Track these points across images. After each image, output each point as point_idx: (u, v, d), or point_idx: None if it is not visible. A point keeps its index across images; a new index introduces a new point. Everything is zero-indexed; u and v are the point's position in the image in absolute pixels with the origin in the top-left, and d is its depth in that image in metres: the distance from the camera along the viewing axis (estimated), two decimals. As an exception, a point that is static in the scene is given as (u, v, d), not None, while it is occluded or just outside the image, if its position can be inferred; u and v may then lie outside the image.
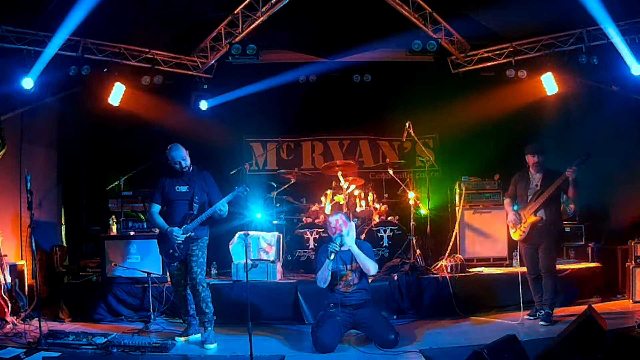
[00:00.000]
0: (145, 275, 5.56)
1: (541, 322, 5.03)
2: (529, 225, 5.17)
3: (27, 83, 5.87)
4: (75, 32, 6.15)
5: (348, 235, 4.70)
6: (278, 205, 6.97)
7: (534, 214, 5.15)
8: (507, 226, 5.48)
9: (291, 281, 5.94)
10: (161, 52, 6.97)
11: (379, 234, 6.53)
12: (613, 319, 4.73)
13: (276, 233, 6.20)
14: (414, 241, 6.26)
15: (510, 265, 6.35)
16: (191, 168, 4.96)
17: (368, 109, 8.03)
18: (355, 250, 4.69)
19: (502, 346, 3.56)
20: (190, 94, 7.37)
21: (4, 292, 5.39)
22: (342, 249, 4.67)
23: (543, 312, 5.15)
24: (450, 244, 6.33)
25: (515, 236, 5.35)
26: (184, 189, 4.89)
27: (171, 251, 4.82)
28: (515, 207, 5.32)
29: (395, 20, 6.75)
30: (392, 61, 7.50)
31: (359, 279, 4.76)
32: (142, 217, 6.47)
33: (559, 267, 6.19)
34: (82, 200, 7.26)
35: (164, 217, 4.95)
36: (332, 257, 4.60)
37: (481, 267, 6.26)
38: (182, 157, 4.86)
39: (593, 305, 4.09)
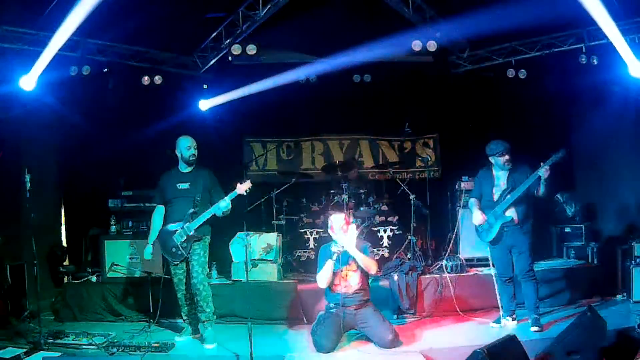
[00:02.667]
0: (145, 275, 5.56)
1: (532, 328, 4.85)
2: (499, 225, 4.99)
3: (27, 83, 5.88)
4: (75, 32, 6.16)
5: (349, 241, 4.68)
6: (278, 205, 6.97)
7: (503, 213, 4.96)
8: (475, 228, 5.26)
9: (291, 281, 5.94)
10: (161, 52, 6.97)
11: (379, 234, 6.53)
12: (613, 319, 4.72)
13: (276, 233, 6.20)
14: (414, 241, 6.26)
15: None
16: (194, 166, 4.99)
17: (368, 109, 8.03)
18: (355, 253, 4.68)
19: (502, 346, 3.56)
20: (190, 94, 7.37)
21: (4, 292, 5.39)
22: (344, 249, 4.67)
23: (510, 319, 5.08)
24: (450, 244, 6.32)
25: (484, 237, 5.16)
26: (185, 186, 4.89)
27: (174, 249, 4.81)
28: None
29: (395, 20, 6.75)
30: (392, 61, 7.49)
31: (359, 280, 4.76)
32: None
33: (560, 267, 6.22)
34: (82, 200, 7.25)
35: (166, 216, 4.95)
36: (334, 257, 4.59)
37: (481, 267, 6.25)
38: (195, 145, 4.92)
39: (593, 305, 4.10)
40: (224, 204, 4.73)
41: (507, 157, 4.98)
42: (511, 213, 4.96)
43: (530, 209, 5.02)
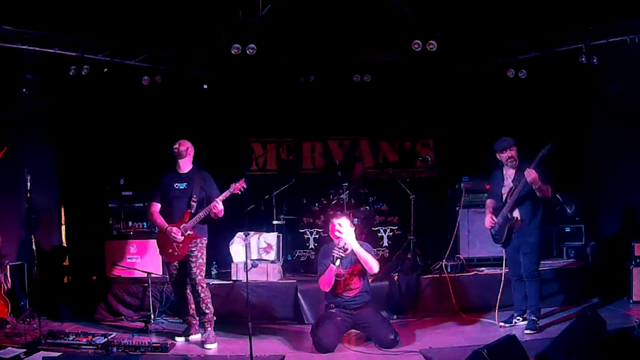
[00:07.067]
0: (145, 275, 5.57)
1: (526, 330, 4.78)
2: (506, 227, 4.91)
3: (27, 83, 5.88)
4: (75, 32, 6.16)
5: (349, 236, 4.67)
6: (278, 205, 6.96)
7: (509, 214, 4.86)
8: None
9: (291, 281, 5.94)
10: (161, 52, 6.96)
11: (379, 234, 6.53)
12: (613, 319, 4.72)
13: (276, 233, 6.21)
14: (414, 241, 6.26)
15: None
16: (191, 167, 5.00)
17: (368, 109, 8.03)
18: (357, 248, 4.65)
19: (502, 346, 3.56)
20: (190, 94, 7.36)
21: (4, 292, 5.39)
22: (346, 253, 4.64)
23: (521, 318, 5.03)
24: (450, 244, 6.32)
25: (496, 240, 5.11)
26: (182, 186, 4.91)
27: (170, 250, 4.83)
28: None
29: (396, 20, 6.74)
30: (392, 61, 7.50)
31: (360, 283, 4.75)
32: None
33: (560, 267, 6.21)
34: (82, 200, 7.25)
35: (163, 216, 4.96)
36: (337, 262, 4.55)
37: (481, 267, 6.25)
38: (180, 144, 4.94)
39: (593, 305, 4.10)
40: (216, 203, 4.74)
41: (508, 154, 4.90)
42: (516, 214, 4.88)
43: (537, 208, 4.88)
